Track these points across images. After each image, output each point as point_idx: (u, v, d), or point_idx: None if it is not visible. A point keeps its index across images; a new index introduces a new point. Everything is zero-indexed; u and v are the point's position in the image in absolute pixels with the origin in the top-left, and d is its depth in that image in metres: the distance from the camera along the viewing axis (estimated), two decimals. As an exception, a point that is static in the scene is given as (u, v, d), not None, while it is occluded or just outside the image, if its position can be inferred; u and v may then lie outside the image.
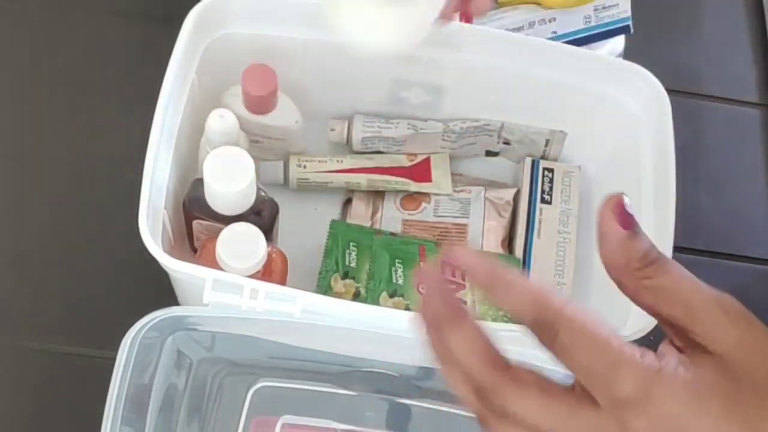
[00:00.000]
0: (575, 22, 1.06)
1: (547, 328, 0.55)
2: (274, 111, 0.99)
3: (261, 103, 0.97)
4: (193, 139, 0.96)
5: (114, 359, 0.78)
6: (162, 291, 0.93)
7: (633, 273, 0.56)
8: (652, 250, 0.55)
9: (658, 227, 0.89)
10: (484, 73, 0.99)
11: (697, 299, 0.55)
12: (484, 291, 0.57)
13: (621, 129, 1.00)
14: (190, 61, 0.93)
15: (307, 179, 1.04)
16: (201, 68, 0.94)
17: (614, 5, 1.06)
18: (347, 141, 1.06)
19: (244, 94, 0.96)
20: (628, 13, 1.07)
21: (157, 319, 0.80)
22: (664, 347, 0.56)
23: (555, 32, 1.05)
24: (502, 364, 0.55)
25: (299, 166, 1.04)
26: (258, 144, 1.01)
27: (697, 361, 0.53)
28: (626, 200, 0.57)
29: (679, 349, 0.55)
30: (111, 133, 1.07)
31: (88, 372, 0.95)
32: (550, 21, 1.04)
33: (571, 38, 1.06)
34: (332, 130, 1.06)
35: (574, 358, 0.54)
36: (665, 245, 0.87)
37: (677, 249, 0.86)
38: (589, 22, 1.06)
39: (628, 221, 0.56)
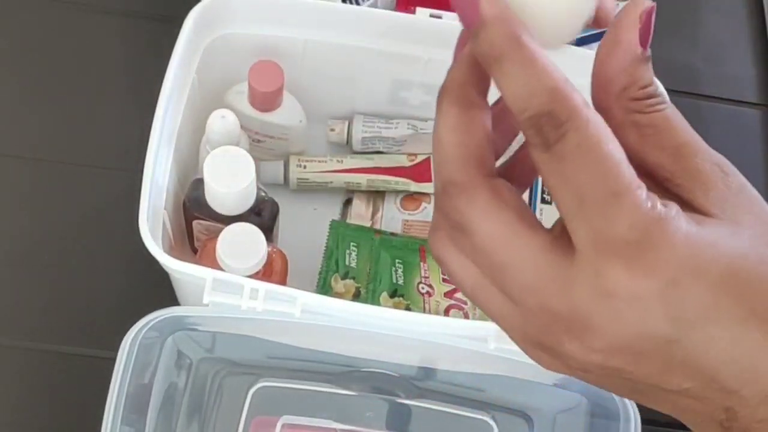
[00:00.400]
0: None
1: (552, 126, 0.44)
2: (279, 109, 0.99)
3: (267, 100, 0.97)
4: (193, 139, 0.96)
5: (114, 359, 0.78)
6: (162, 291, 0.93)
7: (628, 101, 0.47)
8: (657, 85, 0.47)
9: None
10: (484, 73, 0.99)
11: (691, 149, 0.47)
12: (488, 66, 0.46)
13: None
14: (190, 60, 0.93)
15: (308, 179, 1.04)
16: (201, 68, 0.94)
17: (616, 5, 1.01)
18: (347, 141, 1.06)
19: (251, 90, 0.96)
20: None
21: (158, 319, 0.80)
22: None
23: None
24: (486, 169, 0.47)
25: (299, 166, 1.04)
26: (259, 144, 1.01)
27: (696, 218, 0.45)
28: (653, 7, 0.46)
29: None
30: (111, 132, 1.07)
31: (88, 372, 0.95)
32: None
33: None
34: (332, 130, 1.07)
35: (570, 173, 0.44)
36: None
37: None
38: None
39: (647, 40, 0.46)
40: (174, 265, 0.80)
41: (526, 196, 1.04)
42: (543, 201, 1.03)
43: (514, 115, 0.45)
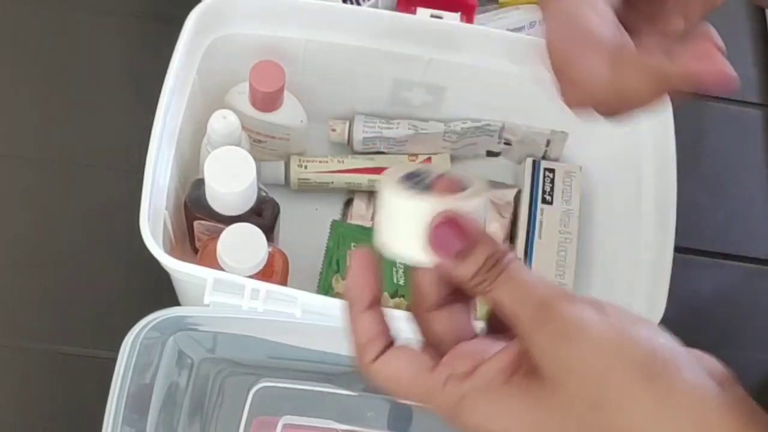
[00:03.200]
0: None
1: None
2: (281, 109, 0.99)
3: (268, 100, 0.97)
4: (194, 139, 0.96)
5: (115, 359, 0.78)
6: (163, 291, 0.93)
7: (474, 290, 0.55)
8: (486, 264, 0.54)
9: (659, 227, 0.89)
10: (485, 74, 0.99)
11: (525, 317, 0.53)
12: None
13: (622, 129, 1.00)
14: (191, 61, 0.93)
15: (308, 179, 1.04)
16: (202, 68, 0.94)
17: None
18: (348, 141, 1.06)
19: (251, 90, 0.96)
20: None
21: (159, 319, 0.80)
22: (513, 344, 0.54)
23: None
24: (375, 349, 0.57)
25: (300, 166, 1.04)
26: (260, 144, 1.01)
27: (521, 377, 0.53)
28: (433, 236, 0.55)
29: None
30: (112, 133, 1.07)
31: (89, 372, 0.95)
32: None
33: None
34: (333, 130, 1.07)
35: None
36: (666, 245, 0.87)
37: (678, 249, 0.87)
38: None
39: (446, 250, 0.55)
40: (175, 266, 0.80)
41: (527, 197, 1.04)
42: (544, 201, 1.03)
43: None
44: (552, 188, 1.04)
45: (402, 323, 0.74)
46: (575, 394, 0.51)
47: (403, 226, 0.56)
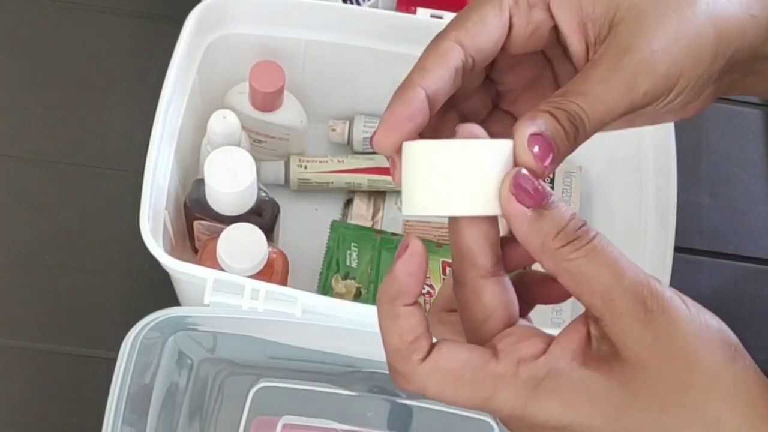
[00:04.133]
0: None
1: None
2: (280, 109, 0.99)
3: (268, 100, 0.97)
4: (194, 139, 0.96)
5: (115, 359, 0.78)
6: (163, 291, 0.93)
7: (552, 253, 0.51)
8: (571, 226, 0.50)
9: (660, 227, 0.89)
10: (484, 74, 0.99)
11: (617, 292, 0.50)
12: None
13: (622, 130, 1.00)
14: (191, 61, 0.93)
15: (308, 180, 1.04)
16: (202, 68, 0.94)
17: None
18: (348, 141, 1.06)
19: (251, 90, 0.96)
20: None
21: (159, 319, 0.80)
22: (578, 324, 0.52)
23: None
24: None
25: (300, 166, 1.03)
26: (260, 144, 1.01)
27: (598, 360, 0.51)
28: (523, 174, 0.50)
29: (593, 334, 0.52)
30: (112, 133, 1.07)
31: (89, 372, 0.95)
32: None
33: None
34: (333, 130, 1.06)
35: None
36: (666, 245, 0.87)
37: (678, 249, 0.86)
38: None
39: (533, 198, 0.50)
40: (175, 266, 0.80)
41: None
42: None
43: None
44: (552, 188, 1.04)
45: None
46: (664, 376, 0.50)
47: (463, 174, 0.51)
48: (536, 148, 0.50)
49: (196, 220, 0.91)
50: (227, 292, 0.80)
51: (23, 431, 0.94)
